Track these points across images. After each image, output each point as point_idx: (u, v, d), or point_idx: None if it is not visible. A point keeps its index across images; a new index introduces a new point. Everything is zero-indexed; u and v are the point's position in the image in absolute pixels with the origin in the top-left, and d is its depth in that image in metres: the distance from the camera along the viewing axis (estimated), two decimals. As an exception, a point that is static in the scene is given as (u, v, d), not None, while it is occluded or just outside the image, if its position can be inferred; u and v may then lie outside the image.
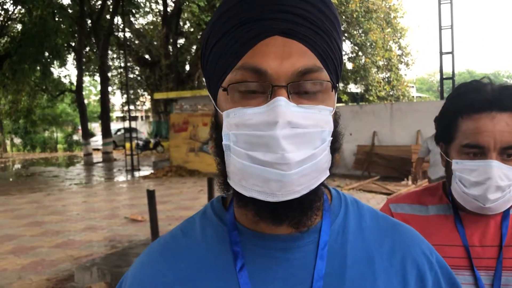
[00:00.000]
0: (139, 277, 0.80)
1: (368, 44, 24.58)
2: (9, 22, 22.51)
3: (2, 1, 20.86)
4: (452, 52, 15.12)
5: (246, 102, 0.69)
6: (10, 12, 21.89)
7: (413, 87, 42.03)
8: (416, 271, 0.78)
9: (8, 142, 37.31)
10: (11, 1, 20.30)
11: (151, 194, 5.47)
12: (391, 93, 26.48)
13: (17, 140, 37.83)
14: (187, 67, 28.50)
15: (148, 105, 38.31)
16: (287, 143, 0.65)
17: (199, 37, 26.34)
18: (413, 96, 34.35)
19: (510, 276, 1.20)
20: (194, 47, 28.12)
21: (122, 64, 22.89)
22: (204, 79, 0.82)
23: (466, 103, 1.22)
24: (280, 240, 0.75)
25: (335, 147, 0.75)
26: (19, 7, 21.02)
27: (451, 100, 1.29)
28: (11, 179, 18.00)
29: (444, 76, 16.00)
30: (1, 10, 21.50)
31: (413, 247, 0.81)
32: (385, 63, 26.27)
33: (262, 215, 0.70)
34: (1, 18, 22.01)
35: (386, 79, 26.79)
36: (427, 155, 6.66)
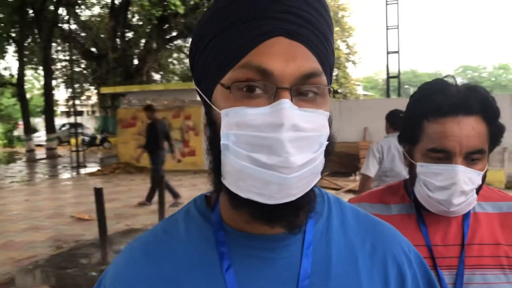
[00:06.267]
0: (122, 276, 0.78)
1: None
2: None
3: None
4: (398, 52, 15.64)
5: (248, 101, 0.67)
6: None
7: (359, 85, 43.13)
8: (396, 268, 0.80)
9: None
10: None
11: (98, 192, 5.28)
12: (338, 90, 27.04)
13: (-48, 135, 35.78)
14: (136, 61, 27.89)
15: (94, 99, 37.28)
16: (291, 146, 0.64)
17: (147, 31, 25.83)
18: (359, 94, 35.25)
19: (471, 274, 1.21)
20: (143, 40, 27.56)
21: (67, 57, 22.09)
22: (191, 74, 0.79)
23: (432, 106, 1.20)
24: (266, 240, 0.76)
25: (329, 150, 0.74)
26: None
27: (416, 101, 1.26)
28: None
29: (390, 75, 16.53)
30: None
31: (393, 245, 0.83)
32: (334, 61, 26.78)
33: (257, 216, 0.70)
34: None
35: (334, 77, 27.33)
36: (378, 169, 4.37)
